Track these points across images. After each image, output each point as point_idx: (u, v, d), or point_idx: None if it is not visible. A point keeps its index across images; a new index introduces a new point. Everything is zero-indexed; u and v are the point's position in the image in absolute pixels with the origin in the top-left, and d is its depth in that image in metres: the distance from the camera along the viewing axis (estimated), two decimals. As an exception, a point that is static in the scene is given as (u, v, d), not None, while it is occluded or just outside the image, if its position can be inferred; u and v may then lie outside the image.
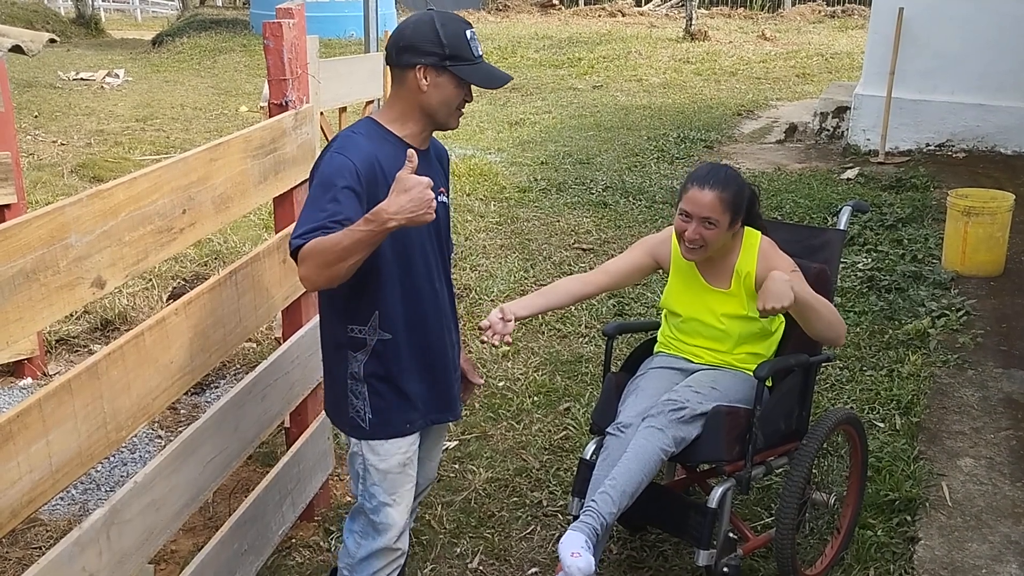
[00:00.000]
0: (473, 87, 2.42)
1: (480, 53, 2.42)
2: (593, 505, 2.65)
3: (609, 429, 2.85)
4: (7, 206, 4.29)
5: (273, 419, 3.08)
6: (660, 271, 3.12)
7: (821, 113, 9.30)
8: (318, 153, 2.64)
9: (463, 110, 2.46)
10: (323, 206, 2.24)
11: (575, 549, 2.53)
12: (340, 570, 2.64)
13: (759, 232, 2.96)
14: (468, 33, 2.39)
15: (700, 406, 2.78)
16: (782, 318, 3.01)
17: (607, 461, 2.78)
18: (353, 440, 2.55)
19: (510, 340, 2.95)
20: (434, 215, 2.21)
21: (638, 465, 2.68)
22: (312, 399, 3.33)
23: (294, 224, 2.30)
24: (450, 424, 4.00)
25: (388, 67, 2.50)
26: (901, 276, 5.46)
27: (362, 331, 2.44)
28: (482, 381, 2.87)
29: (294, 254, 2.23)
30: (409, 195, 2.12)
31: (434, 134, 2.54)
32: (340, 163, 2.30)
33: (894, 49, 8.11)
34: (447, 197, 2.60)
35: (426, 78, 2.35)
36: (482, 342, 2.95)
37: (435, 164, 2.56)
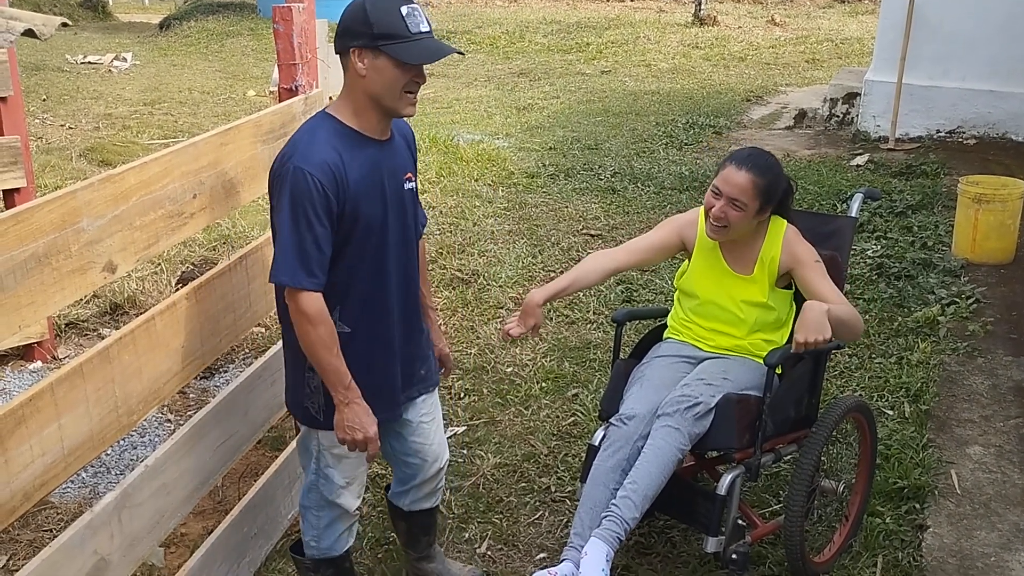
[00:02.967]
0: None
1: (422, 28, 2.28)
2: (616, 511, 2.65)
3: (612, 420, 2.84)
4: (17, 190, 4.31)
5: (282, 404, 3.07)
6: (682, 253, 3.11)
7: (831, 99, 9.25)
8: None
9: (414, 93, 2.33)
10: (302, 235, 2.25)
11: None
12: (307, 542, 2.68)
13: (785, 220, 2.96)
14: (404, 9, 2.27)
15: (713, 399, 2.77)
16: (793, 306, 3.00)
17: (609, 451, 2.78)
18: (305, 427, 2.58)
19: (537, 324, 2.91)
20: (370, 459, 2.48)
21: (657, 468, 2.69)
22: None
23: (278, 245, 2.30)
24: (458, 410, 4.06)
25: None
26: (911, 263, 5.43)
27: None
28: (442, 373, 2.81)
29: (280, 284, 2.30)
30: (353, 433, 2.38)
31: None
32: (304, 182, 2.24)
33: (905, 34, 8.05)
34: (415, 182, 2.55)
35: (362, 61, 2.28)
36: (508, 336, 2.94)
37: (401, 151, 2.50)
